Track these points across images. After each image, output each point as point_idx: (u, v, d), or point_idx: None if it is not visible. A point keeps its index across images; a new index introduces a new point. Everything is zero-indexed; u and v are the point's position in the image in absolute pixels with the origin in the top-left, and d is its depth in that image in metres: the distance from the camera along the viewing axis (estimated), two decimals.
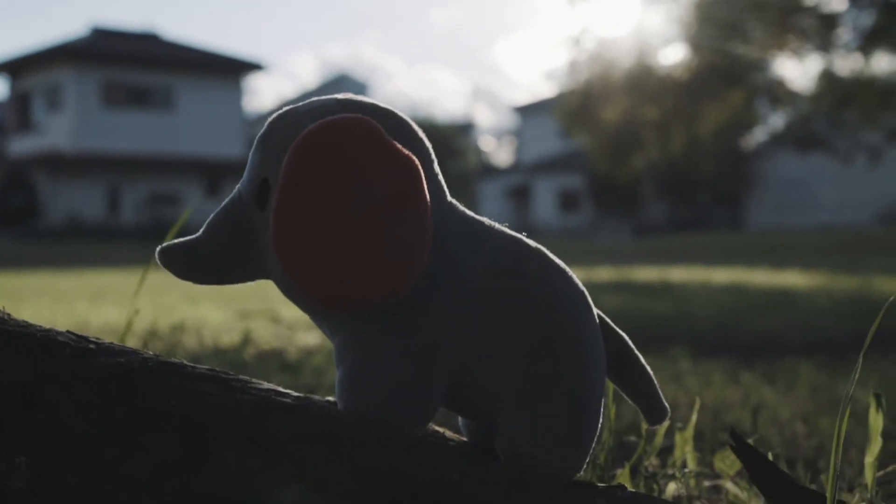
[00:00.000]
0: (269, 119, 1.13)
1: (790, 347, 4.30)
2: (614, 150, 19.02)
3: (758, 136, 36.33)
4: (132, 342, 2.92)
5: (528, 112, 46.81)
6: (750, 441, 1.21)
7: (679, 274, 11.18)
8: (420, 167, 1.06)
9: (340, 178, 1.03)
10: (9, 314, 1.03)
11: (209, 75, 35.38)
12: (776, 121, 24.02)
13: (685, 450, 1.41)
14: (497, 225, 1.18)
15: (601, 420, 1.18)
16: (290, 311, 5.82)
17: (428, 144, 1.14)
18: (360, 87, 54.47)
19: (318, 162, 1.03)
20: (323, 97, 1.14)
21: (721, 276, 10.78)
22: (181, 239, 1.13)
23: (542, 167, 42.20)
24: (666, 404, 1.25)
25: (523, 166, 44.43)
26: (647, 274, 11.25)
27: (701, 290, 8.58)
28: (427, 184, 1.08)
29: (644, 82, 17.05)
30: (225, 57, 36.07)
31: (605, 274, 10.76)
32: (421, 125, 1.16)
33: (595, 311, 1.19)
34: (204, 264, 1.12)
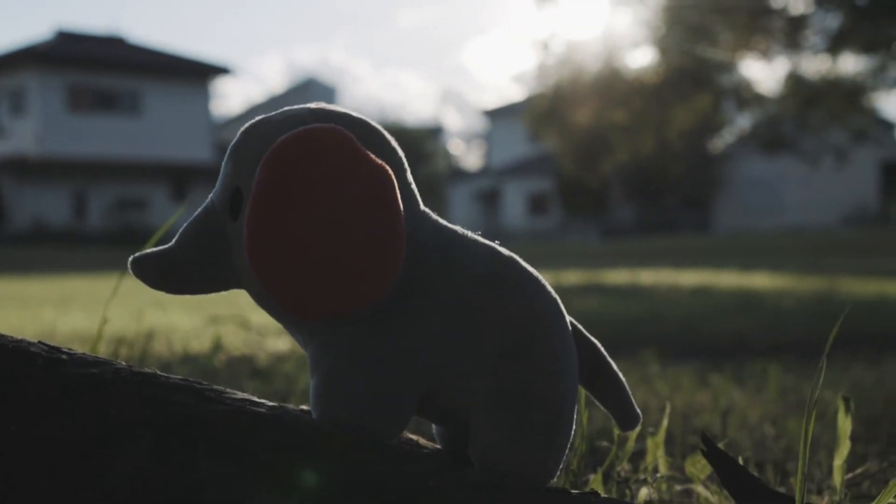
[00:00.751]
0: (242, 129, 1.13)
1: (758, 349, 4.33)
2: (584, 154, 19.08)
3: (725, 138, 36.59)
4: (102, 349, 2.90)
5: (497, 116, 46.88)
6: (720, 445, 1.22)
7: (648, 276, 11.23)
8: (393, 176, 1.07)
9: (313, 188, 1.04)
10: None
11: (176, 79, 35.19)
12: (743, 122, 24.17)
13: (657, 454, 1.42)
14: (470, 233, 1.18)
15: (574, 426, 1.18)
16: (260, 317, 5.79)
17: (400, 153, 1.15)
18: (329, 91, 54.36)
19: (291, 172, 1.04)
20: (295, 106, 1.14)
21: (689, 278, 10.85)
22: (154, 248, 1.13)
23: (511, 171, 42.30)
24: (638, 411, 1.26)
25: (492, 170, 44.50)
26: (616, 276, 11.30)
27: (670, 292, 8.63)
28: (400, 192, 1.09)
29: (613, 86, 17.12)
30: (192, 60, 35.89)
31: (574, 276, 10.79)
32: (390, 129, 1.17)
33: (568, 318, 1.20)
34: (177, 274, 1.12)
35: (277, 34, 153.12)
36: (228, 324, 5.33)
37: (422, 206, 1.16)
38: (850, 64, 17.84)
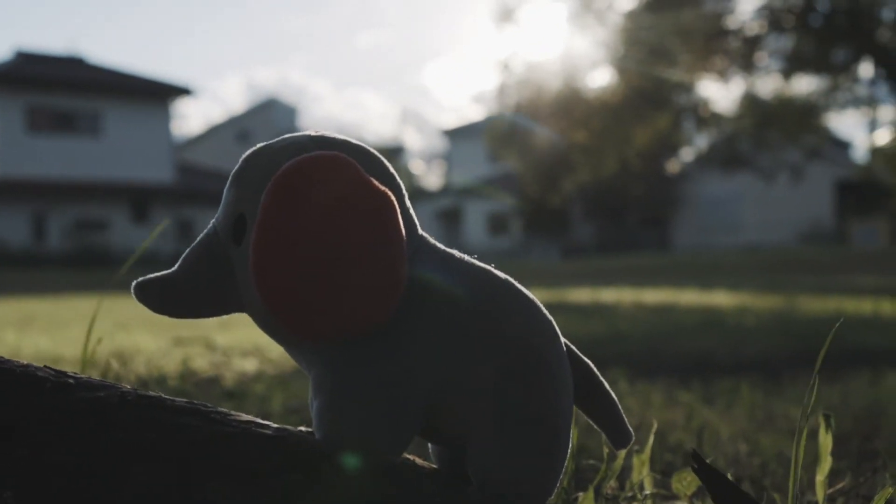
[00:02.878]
0: (244, 156, 1.16)
1: (721, 367, 4.37)
2: (545, 174, 19.19)
3: (684, 158, 36.98)
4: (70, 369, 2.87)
5: (457, 135, 47.07)
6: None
7: (610, 295, 11.30)
8: (395, 202, 1.10)
9: (318, 214, 1.06)
10: None
11: (136, 100, 34.93)
12: (701, 142, 24.47)
13: (642, 472, 1.44)
14: (466, 257, 1.21)
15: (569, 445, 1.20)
16: (225, 338, 5.78)
17: (398, 179, 1.18)
18: (290, 111, 54.21)
19: (296, 198, 1.06)
20: (295, 134, 1.17)
21: (651, 296, 10.93)
22: (157, 274, 1.14)
23: (471, 190, 42.41)
24: (630, 429, 1.29)
25: (453, 189, 44.61)
26: (579, 295, 11.35)
27: (632, 310, 8.69)
28: (401, 217, 1.11)
29: (573, 106, 17.25)
30: (152, 81, 35.67)
31: (537, 295, 10.75)
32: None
33: (562, 339, 1.22)
34: (180, 298, 1.13)
35: (237, 55, 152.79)
36: (194, 345, 5.31)
37: (420, 230, 1.18)
38: (804, 85, 18.16)
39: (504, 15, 16.21)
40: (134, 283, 1.12)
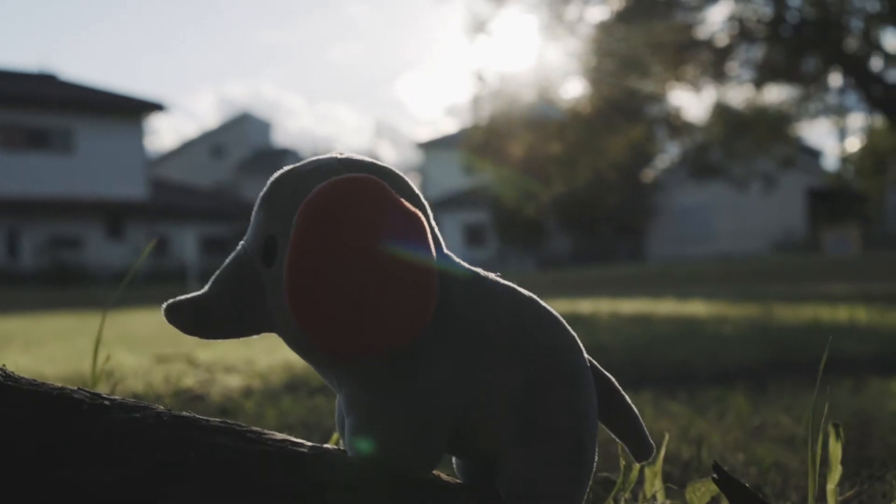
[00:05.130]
0: (272, 179, 1.17)
1: (704, 377, 4.39)
2: (520, 186, 19.25)
3: (657, 168, 37.18)
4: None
5: (432, 148, 47.16)
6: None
7: (587, 306, 11.33)
8: (425, 222, 1.12)
9: (351, 235, 1.08)
10: (13, 372, 1.04)
11: (109, 116, 34.77)
12: (674, 152, 24.62)
13: (655, 484, 1.46)
14: (491, 275, 1.24)
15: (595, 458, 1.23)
16: (207, 354, 5.76)
17: (423, 199, 1.20)
18: (264, 126, 54.19)
19: (330, 220, 1.08)
20: (321, 156, 1.19)
21: (628, 307, 10.96)
22: (187, 295, 1.16)
23: (446, 202, 42.47)
24: (651, 441, 1.31)
25: (428, 201, 44.52)
26: (556, 306, 11.22)
27: (610, 321, 8.70)
28: None
29: (546, 117, 17.32)
30: (125, 97, 35.54)
31: None
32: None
33: (585, 354, 1.25)
34: (211, 319, 1.15)
35: (209, 69, 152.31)
36: (176, 362, 5.29)
37: (445, 249, 1.21)
38: (775, 94, 18.32)
39: (476, 26, 16.23)
40: (165, 305, 1.14)
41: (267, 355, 5.68)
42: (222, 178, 50.69)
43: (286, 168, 1.18)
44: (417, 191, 1.20)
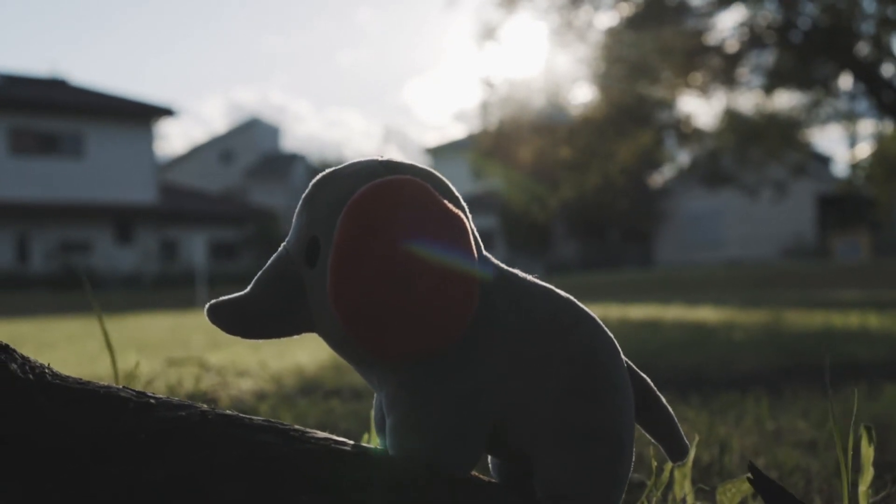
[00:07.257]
0: (313, 181, 1.19)
1: (716, 382, 4.38)
2: (529, 190, 19.25)
3: (666, 174, 37.12)
4: None
5: (440, 153, 47.17)
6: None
7: (596, 311, 11.25)
8: (467, 223, 1.14)
9: (394, 236, 1.09)
10: (58, 371, 1.05)
11: (118, 121, 34.85)
12: (684, 158, 24.58)
13: (684, 485, 1.47)
14: (528, 276, 1.26)
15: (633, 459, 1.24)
16: (217, 357, 5.77)
17: (462, 201, 1.21)
18: (273, 131, 54.23)
19: (373, 220, 1.09)
20: (363, 159, 1.20)
21: (637, 312, 10.95)
22: (230, 296, 1.17)
23: None
24: (686, 442, 1.33)
25: None
26: None
27: (620, 326, 8.70)
28: None
29: (555, 122, 17.33)
30: (134, 102, 35.62)
31: None
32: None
33: (622, 356, 1.26)
34: (253, 319, 1.16)
35: (217, 75, 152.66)
36: (188, 365, 5.30)
37: (483, 251, 1.22)
38: (785, 100, 18.29)
39: (486, 33, 16.25)
40: (207, 305, 1.15)
41: (278, 359, 5.70)
42: (231, 183, 50.80)
43: (328, 170, 1.20)
44: (457, 193, 1.21)
